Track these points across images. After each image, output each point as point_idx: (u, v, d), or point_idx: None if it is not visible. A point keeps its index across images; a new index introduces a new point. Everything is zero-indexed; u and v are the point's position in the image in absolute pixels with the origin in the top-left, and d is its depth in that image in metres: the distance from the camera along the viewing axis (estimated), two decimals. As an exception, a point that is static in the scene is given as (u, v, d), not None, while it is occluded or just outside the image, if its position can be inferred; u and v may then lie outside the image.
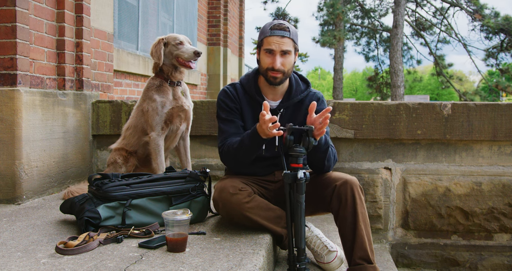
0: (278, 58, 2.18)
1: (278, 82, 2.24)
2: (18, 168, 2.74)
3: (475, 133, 3.26)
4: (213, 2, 8.99)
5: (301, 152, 1.95)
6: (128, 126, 2.93)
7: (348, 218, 2.05)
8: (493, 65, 15.23)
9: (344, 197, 2.06)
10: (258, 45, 2.28)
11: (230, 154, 2.21)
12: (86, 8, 3.38)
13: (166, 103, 2.77)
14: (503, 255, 3.32)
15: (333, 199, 2.09)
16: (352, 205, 2.05)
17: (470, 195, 3.29)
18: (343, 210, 2.06)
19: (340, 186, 2.08)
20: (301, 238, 1.91)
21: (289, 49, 2.19)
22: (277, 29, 2.18)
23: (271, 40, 2.17)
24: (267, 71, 2.22)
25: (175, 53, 2.76)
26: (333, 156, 2.25)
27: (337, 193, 2.08)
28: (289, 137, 1.95)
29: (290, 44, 2.19)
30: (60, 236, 2.07)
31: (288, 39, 2.18)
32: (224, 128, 2.30)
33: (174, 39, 2.78)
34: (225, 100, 2.33)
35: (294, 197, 1.93)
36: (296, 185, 1.92)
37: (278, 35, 2.16)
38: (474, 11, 14.53)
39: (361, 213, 2.05)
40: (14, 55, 2.71)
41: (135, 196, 2.14)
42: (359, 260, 2.00)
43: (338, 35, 13.47)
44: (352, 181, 2.10)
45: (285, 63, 2.20)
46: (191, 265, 1.70)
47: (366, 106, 3.30)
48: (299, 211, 1.92)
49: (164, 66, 2.80)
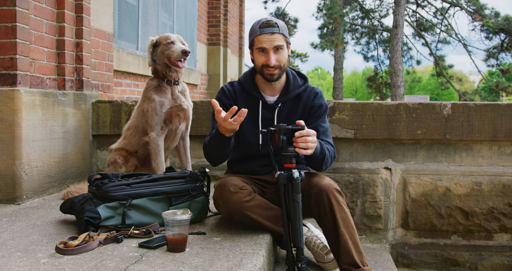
0: (272, 55, 2.18)
1: (275, 78, 2.25)
2: (18, 168, 2.74)
3: (475, 134, 3.26)
4: (213, 2, 8.99)
5: (294, 152, 1.93)
6: (129, 127, 2.94)
7: (329, 225, 2.05)
8: (494, 65, 15.23)
9: (322, 204, 2.06)
10: (250, 45, 2.29)
11: (206, 150, 2.27)
12: (86, 8, 3.38)
13: (165, 103, 2.78)
14: (503, 255, 3.31)
15: (312, 208, 2.11)
16: (330, 212, 2.04)
17: (470, 195, 3.29)
18: (323, 218, 2.07)
19: (316, 194, 2.08)
20: (300, 237, 1.91)
21: (281, 44, 2.19)
22: (266, 26, 2.18)
23: (262, 38, 2.18)
24: (263, 68, 2.22)
25: (166, 53, 2.77)
26: (331, 158, 2.25)
27: (314, 201, 2.09)
28: (281, 137, 1.93)
29: (281, 39, 2.19)
30: (60, 236, 2.07)
31: (279, 35, 2.19)
32: (213, 125, 2.31)
33: (166, 38, 2.78)
34: (221, 98, 2.36)
35: (290, 196, 1.92)
36: (292, 184, 1.91)
37: (267, 32, 2.17)
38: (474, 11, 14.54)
39: (341, 217, 2.03)
40: (14, 55, 2.71)
41: (135, 196, 2.14)
42: (346, 266, 2.00)
43: (336, 41, 13.46)
44: (326, 186, 2.07)
45: (280, 59, 2.20)
46: (191, 265, 1.70)
47: (366, 106, 3.30)
48: (297, 210, 1.91)
49: (158, 66, 2.82)
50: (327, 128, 2.36)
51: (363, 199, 3.33)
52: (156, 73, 2.85)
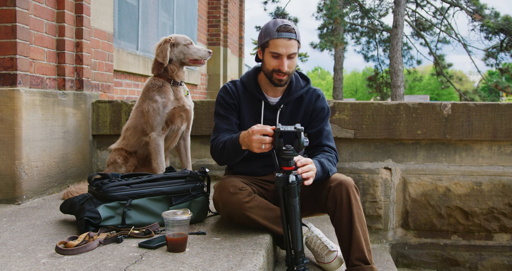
0: (286, 61, 2.16)
1: (283, 84, 2.24)
2: (18, 168, 2.74)
3: (475, 133, 3.26)
4: (213, 2, 8.99)
5: (292, 154, 1.88)
6: (128, 127, 2.94)
7: (344, 219, 2.04)
8: (493, 65, 15.23)
9: (339, 198, 2.05)
10: (262, 46, 2.22)
11: (217, 152, 2.23)
12: (86, 8, 3.38)
13: (168, 104, 2.79)
14: (503, 255, 3.31)
15: (328, 200, 2.08)
16: (347, 206, 2.04)
17: (470, 195, 3.29)
18: (338, 211, 2.05)
19: (335, 187, 2.07)
20: (298, 240, 1.90)
21: (296, 52, 2.18)
22: (284, 31, 2.13)
23: (279, 43, 2.13)
24: (273, 73, 2.20)
25: (187, 52, 2.83)
26: (334, 165, 2.23)
27: (332, 194, 2.07)
28: (278, 139, 1.90)
29: (296, 46, 2.17)
30: (60, 236, 2.07)
31: (295, 41, 2.15)
32: (218, 123, 2.30)
33: (185, 39, 2.86)
34: (224, 96, 2.33)
35: (287, 200, 1.90)
36: (288, 188, 1.87)
37: (285, 37, 2.12)
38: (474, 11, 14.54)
39: (356, 213, 2.03)
40: (14, 55, 2.71)
41: (135, 196, 2.14)
42: (356, 261, 2.00)
43: (336, 41, 13.46)
44: (347, 181, 2.08)
45: (291, 65, 2.19)
46: (191, 265, 1.70)
47: (366, 106, 3.30)
48: (293, 214, 1.88)
49: (170, 65, 2.82)
50: (330, 131, 2.35)
51: (363, 199, 3.33)
52: (165, 72, 2.84)
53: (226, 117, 2.30)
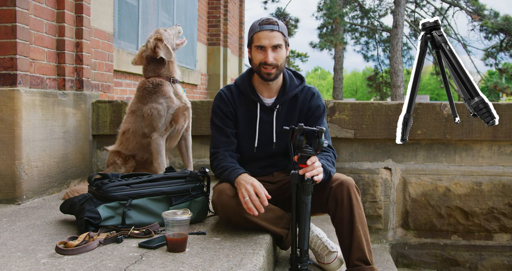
0: (270, 53, 2.17)
1: (272, 77, 2.22)
2: (18, 168, 2.74)
3: (475, 133, 3.26)
4: (213, 2, 8.99)
5: (311, 153, 1.92)
6: (125, 131, 2.88)
7: (345, 219, 2.04)
8: (492, 65, 15.24)
9: (340, 198, 2.05)
10: (248, 43, 2.27)
11: (215, 171, 2.27)
12: (86, 8, 3.38)
13: (172, 104, 2.76)
14: (503, 255, 3.32)
15: (329, 200, 2.08)
16: (348, 206, 2.04)
17: (470, 195, 3.29)
18: (339, 211, 2.05)
19: (336, 187, 2.07)
20: (305, 239, 1.91)
21: (280, 43, 2.18)
22: (266, 23, 2.18)
23: (261, 35, 2.17)
24: (260, 66, 2.20)
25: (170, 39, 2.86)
26: (333, 164, 2.23)
27: (333, 194, 2.07)
28: (299, 137, 1.93)
29: (280, 37, 2.18)
30: (60, 236, 2.07)
31: (278, 33, 2.18)
32: (215, 136, 2.32)
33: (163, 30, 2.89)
34: (219, 105, 2.32)
35: (300, 197, 1.92)
36: (303, 186, 1.91)
37: (267, 29, 2.16)
38: (474, 11, 14.54)
39: (357, 213, 2.03)
40: (14, 55, 2.71)
41: (135, 196, 2.14)
42: (357, 261, 2.00)
43: (335, 41, 13.46)
44: (348, 181, 2.08)
45: (278, 57, 2.19)
46: (191, 265, 1.70)
47: (366, 106, 3.30)
48: (305, 212, 1.91)
49: (170, 63, 2.82)
50: (327, 130, 2.35)
51: (363, 199, 3.33)
52: (162, 71, 2.81)
53: (222, 129, 2.30)
